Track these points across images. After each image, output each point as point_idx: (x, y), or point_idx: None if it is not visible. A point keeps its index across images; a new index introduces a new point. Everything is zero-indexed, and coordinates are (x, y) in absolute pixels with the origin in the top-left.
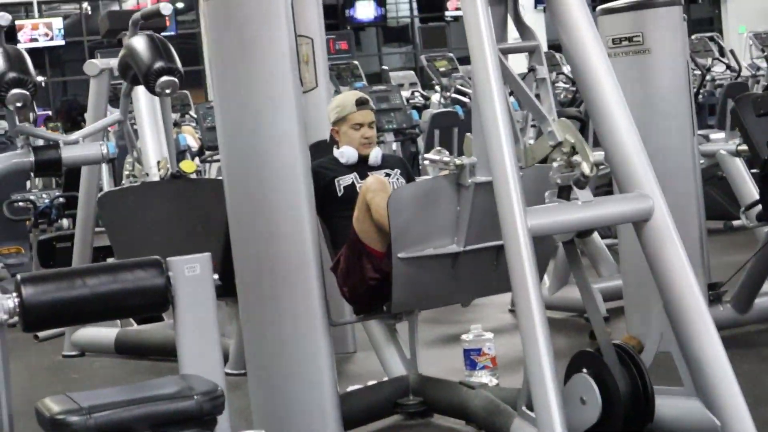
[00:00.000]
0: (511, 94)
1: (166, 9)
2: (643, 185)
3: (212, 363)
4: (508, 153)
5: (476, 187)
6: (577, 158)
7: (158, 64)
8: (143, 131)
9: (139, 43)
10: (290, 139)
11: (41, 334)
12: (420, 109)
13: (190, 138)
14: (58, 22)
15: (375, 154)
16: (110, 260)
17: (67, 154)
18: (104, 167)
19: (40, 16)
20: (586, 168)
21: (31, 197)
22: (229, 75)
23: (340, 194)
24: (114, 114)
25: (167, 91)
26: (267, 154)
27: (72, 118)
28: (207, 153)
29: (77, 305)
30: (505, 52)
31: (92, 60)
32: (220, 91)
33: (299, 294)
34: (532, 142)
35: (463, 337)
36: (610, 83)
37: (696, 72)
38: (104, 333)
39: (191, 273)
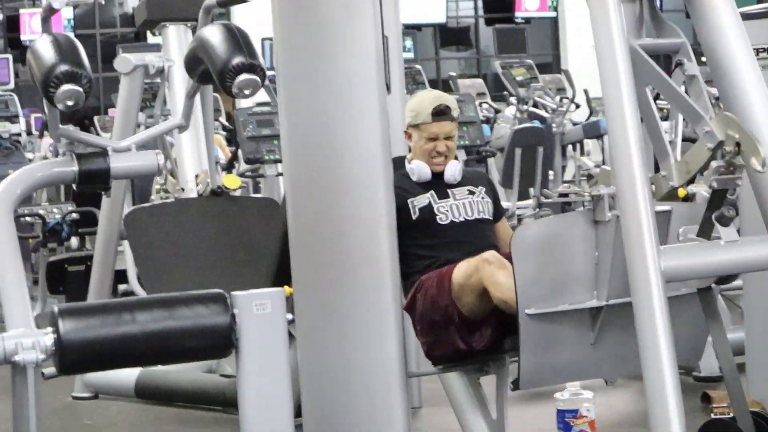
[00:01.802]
0: (656, 98)
1: None
2: None
3: (281, 418)
4: (640, 176)
5: (619, 222)
6: (740, 159)
7: (237, 60)
8: (180, 139)
9: (213, 34)
10: (372, 154)
11: (47, 370)
12: (488, 124)
13: (220, 150)
14: (67, 12)
15: (452, 170)
16: (123, 287)
17: (117, 163)
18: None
19: None
20: (756, 163)
21: (40, 211)
22: (302, 76)
23: (414, 218)
24: (174, 119)
25: (246, 92)
26: (343, 170)
27: (78, 120)
28: (244, 167)
29: (124, 345)
30: (644, 51)
31: (125, 54)
32: (289, 94)
33: (373, 339)
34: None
35: (557, 395)
36: (762, 96)
37: None
38: (124, 373)
39: (261, 311)
